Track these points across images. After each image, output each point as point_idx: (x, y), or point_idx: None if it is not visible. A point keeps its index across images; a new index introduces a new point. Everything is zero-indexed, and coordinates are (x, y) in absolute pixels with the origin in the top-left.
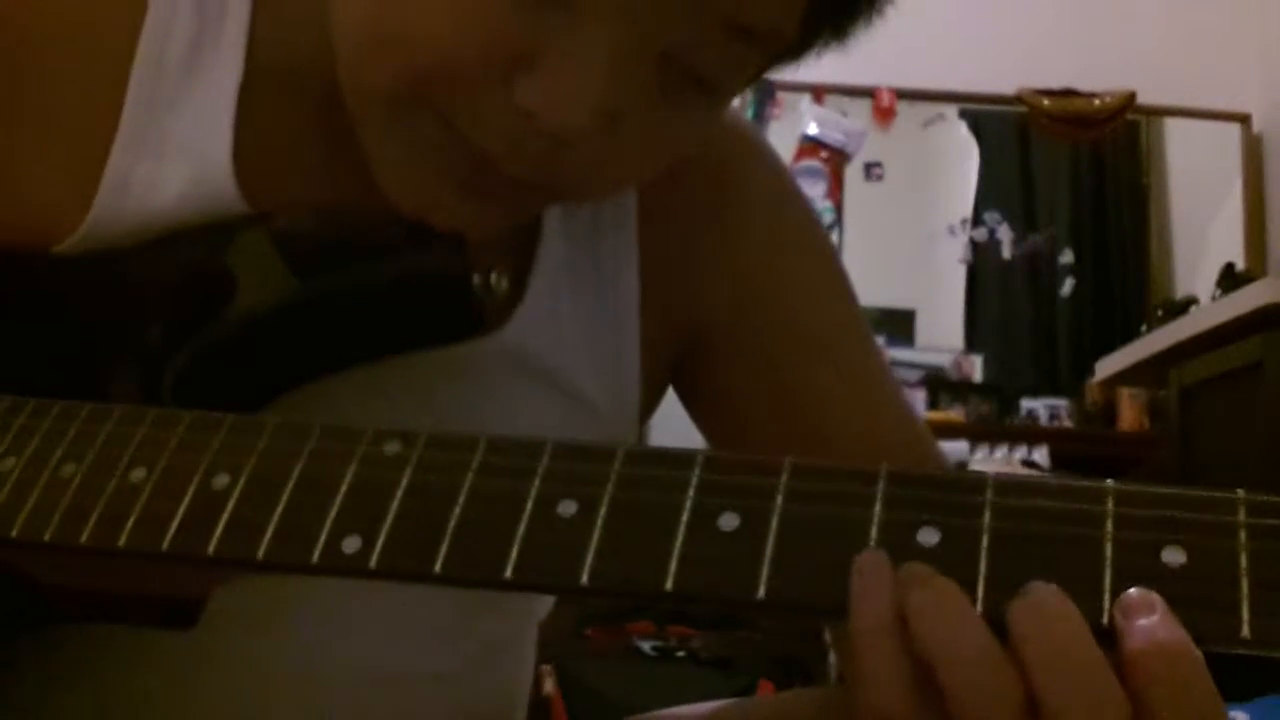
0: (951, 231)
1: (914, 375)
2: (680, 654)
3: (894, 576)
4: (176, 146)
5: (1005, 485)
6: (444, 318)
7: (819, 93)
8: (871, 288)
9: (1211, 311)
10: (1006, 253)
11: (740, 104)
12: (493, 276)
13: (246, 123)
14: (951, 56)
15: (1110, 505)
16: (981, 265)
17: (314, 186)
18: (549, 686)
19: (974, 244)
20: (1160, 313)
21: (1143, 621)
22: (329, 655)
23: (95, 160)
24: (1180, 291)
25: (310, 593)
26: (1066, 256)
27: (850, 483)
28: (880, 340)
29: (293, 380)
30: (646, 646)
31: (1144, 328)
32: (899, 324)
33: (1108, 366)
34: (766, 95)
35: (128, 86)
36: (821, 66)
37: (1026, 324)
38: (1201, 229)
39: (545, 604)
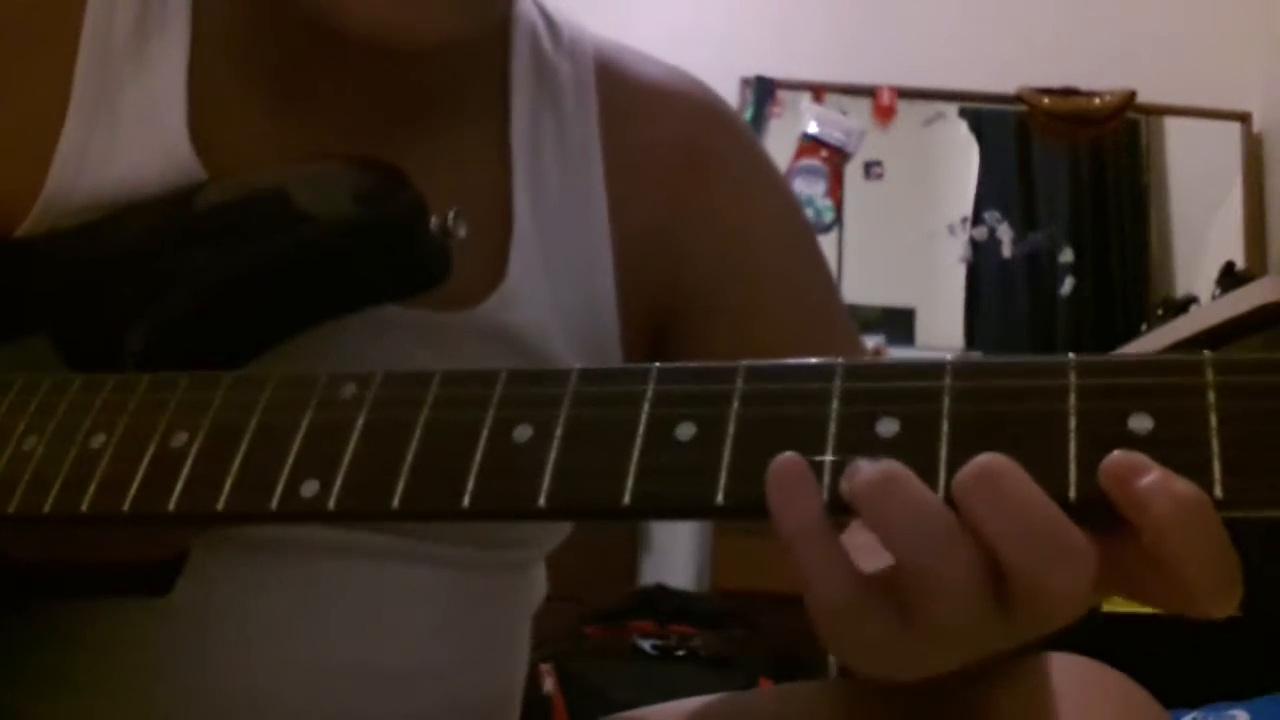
0: (951, 230)
1: None
2: (680, 653)
3: (811, 474)
4: (131, 119)
5: (963, 368)
6: (406, 263)
7: (819, 92)
8: (871, 287)
9: (1211, 311)
10: (1006, 252)
11: (740, 103)
12: (450, 217)
13: (197, 90)
14: (951, 56)
15: (1073, 378)
16: (981, 264)
17: (265, 147)
18: (549, 686)
19: (974, 243)
20: (1160, 312)
21: (1145, 482)
22: (324, 651)
23: (47, 141)
24: (1180, 291)
25: (305, 588)
26: (1066, 255)
27: (806, 380)
28: (880, 340)
29: (261, 342)
30: (647, 645)
31: (1144, 327)
32: (899, 323)
33: None
34: (766, 94)
35: (75, 68)
36: (822, 66)
37: (1026, 323)
38: (1201, 228)
39: (539, 595)
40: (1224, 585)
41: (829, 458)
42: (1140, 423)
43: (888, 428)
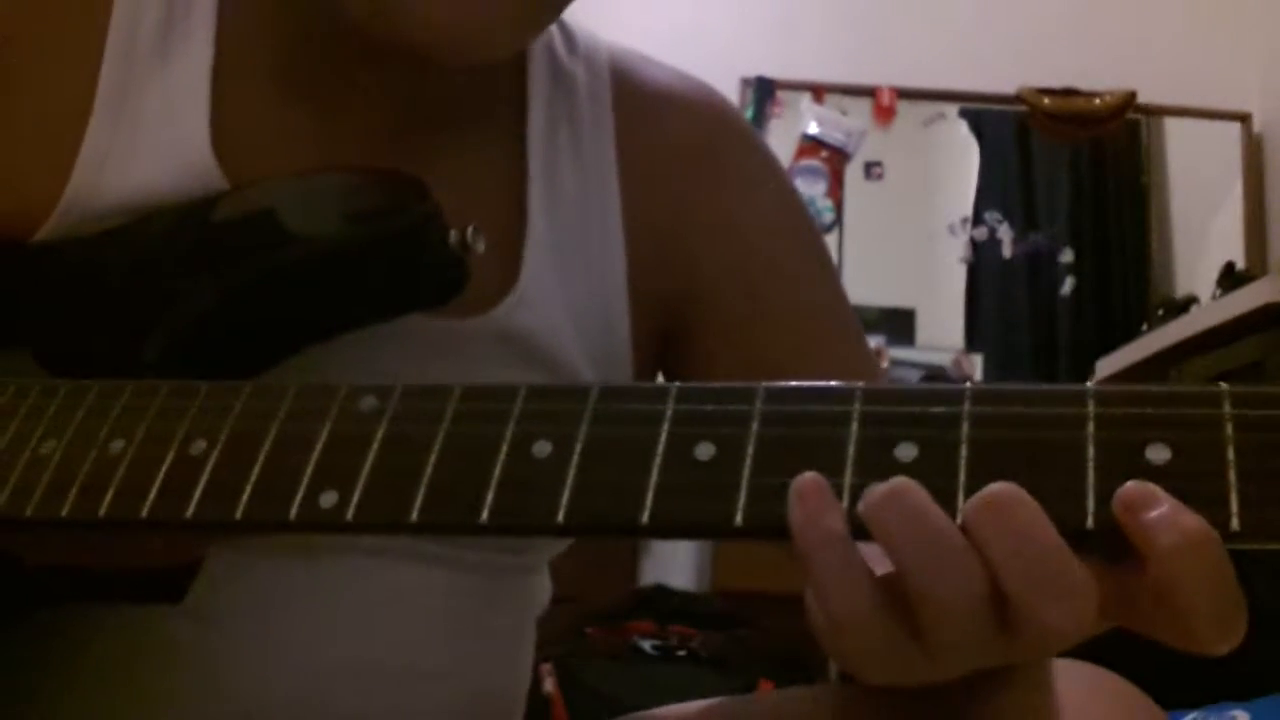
0: (951, 231)
1: (914, 375)
2: (681, 653)
3: (831, 493)
4: (153, 125)
5: (982, 394)
6: (423, 277)
7: (819, 92)
8: (871, 287)
9: (1211, 311)
10: (1006, 252)
11: (740, 103)
12: (469, 233)
13: (220, 98)
14: (951, 56)
15: (1091, 407)
16: (981, 265)
17: (287, 156)
18: (549, 686)
19: (974, 243)
20: (1160, 312)
21: (1155, 514)
22: (328, 652)
23: (69, 145)
24: (1180, 291)
25: (310, 588)
26: (1066, 256)
27: (825, 403)
28: (880, 340)
29: (278, 352)
30: (647, 646)
31: (1144, 327)
32: (899, 323)
33: (1108, 366)
34: (766, 95)
35: (100, 70)
36: (822, 66)
37: (1027, 323)
38: (1201, 229)
39: (544, 597)
40: (1226, 623)
41: (848, 480)
42: (1158, 453)
43: (906, 452)
